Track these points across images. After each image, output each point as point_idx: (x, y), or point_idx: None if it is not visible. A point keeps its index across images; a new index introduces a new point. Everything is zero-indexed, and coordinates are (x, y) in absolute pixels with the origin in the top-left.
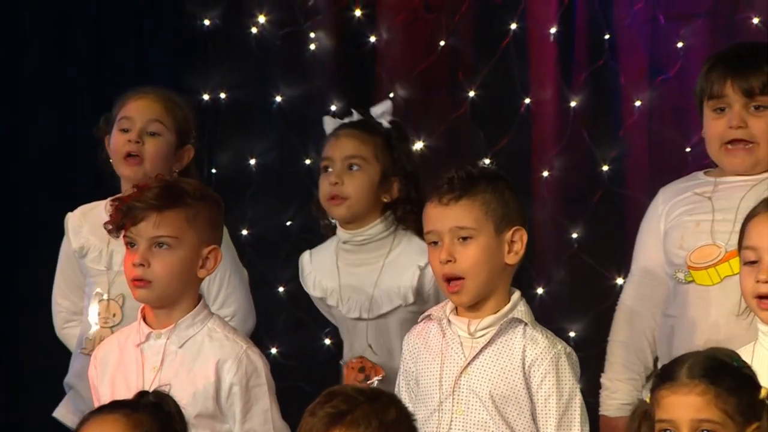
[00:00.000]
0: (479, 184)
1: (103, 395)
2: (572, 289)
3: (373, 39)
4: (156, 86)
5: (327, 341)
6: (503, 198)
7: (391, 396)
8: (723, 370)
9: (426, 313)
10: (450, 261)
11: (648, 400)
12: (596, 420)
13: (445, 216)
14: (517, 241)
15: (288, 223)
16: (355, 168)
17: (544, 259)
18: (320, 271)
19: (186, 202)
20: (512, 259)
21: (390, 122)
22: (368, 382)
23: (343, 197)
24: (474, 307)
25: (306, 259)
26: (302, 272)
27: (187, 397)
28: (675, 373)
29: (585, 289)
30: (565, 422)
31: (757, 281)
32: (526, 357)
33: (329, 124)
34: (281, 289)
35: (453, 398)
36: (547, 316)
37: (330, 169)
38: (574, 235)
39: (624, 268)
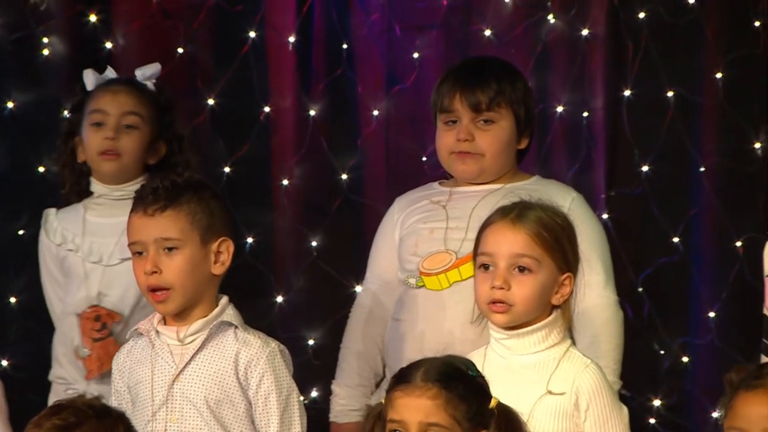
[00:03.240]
0: (185, 194)
1: None
2: (311, 297)
3: (109, 45)
4: None
5: None
6: (209, 208)
7: (121, 414)
8: (456, 377)
9: (133, 328)
10: (155, 272)
11: (383, 401)
12: (327, 426)
13: (150, 227)
14: (224, 252)
15: (20, 232)
16: (131, 127)
17: (284, 267)
18: (66, 223)
19: None
20: (219, 269)
21: (155, 86)
22: (105, 329)
23: (117, 153)
24: (181, 315)
25: (52, 212)
26: (45, 223)
27: None
28: (410, 375)
29: (324, 296)
30: (286, 418)
31: (492, 287)
32: (240, 359)
33: (91, 76)
34: (12, 299)
35: (166, 407)
36: (286, 325)
37: (103, 124)
38: (314, 243)
39: (362, 276)
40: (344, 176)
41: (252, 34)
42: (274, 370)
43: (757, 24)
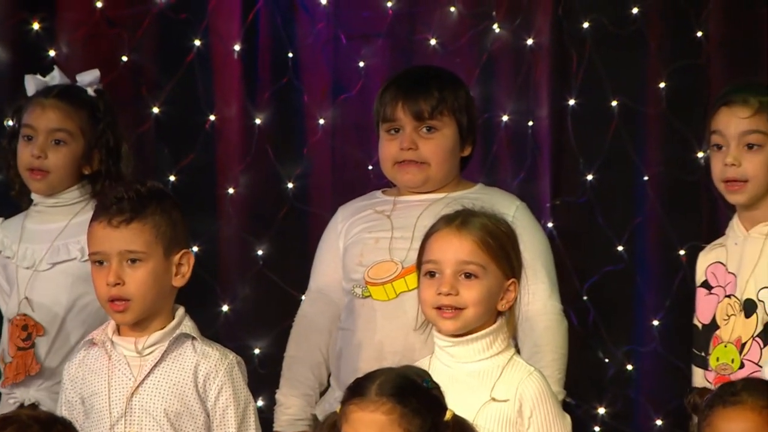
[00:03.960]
0: (149, 206)
1: None
2: (257, 306)
3: (52, 53)
4: None
5: None
6: (172, 220)
7: (67, 423)
8: (411, 391)
9: (87, 338)
10: (119, 284)
11: (338, 411)
12: None
13: (114, 239)
14: (185, 264)
15: None
16: (60, 143)
17: (230, 276)
18: (7, 230)
19: None
20: (179, 281)
21: (95, 91)
22: (30, 340)
23: (44, 171)
24: (138, 326)
25: None
26: None
27: None
28: (365, 389)
29: (270, 305)
30: (243, 430)
31: (439, 293)
32: (200, 371)
33: (31, 83)
34: None
35: (125, 420)
36: (232, 334)
37: (32, 139)
38: (260, 252)
39: (308, 285)
40: (290, 185)
41: (197, 43)
42: (232, 382)
43: (699, 34)
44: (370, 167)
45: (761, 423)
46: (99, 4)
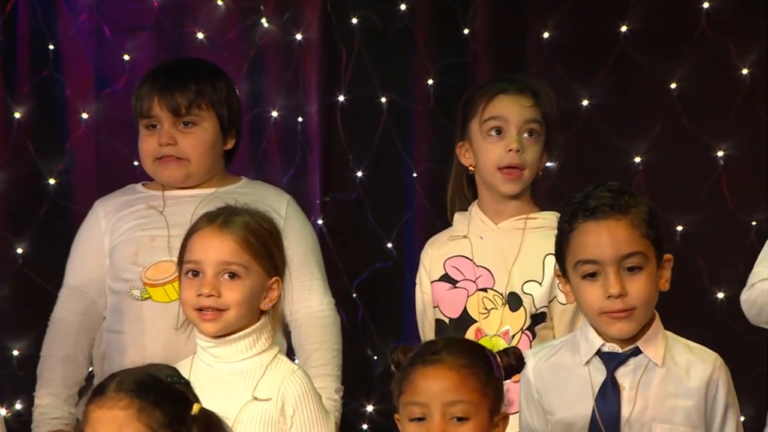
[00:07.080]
0: None
1: None
2: (16, 306)
3: None
4: None
5: None
6: None
7: None
8: (150, 385)
9: None
10: None
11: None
12: None
13: None
14: None
15: None
16: None
17: None
18: None
19: None
20: None
21: None
22: None
23: None
24: None
25: None
26: None
27: None
28: (105, 387)
29: (30, 305)
30: None
31: (200, 294)
32: None
33: None
34: None
35: None
36: None
37: None
38: (19, 251)
39: None
40: (51, 181)
41: None
42: None
43: (466, 32)
44: (136, 163)
45: (459, 381)
46: None
